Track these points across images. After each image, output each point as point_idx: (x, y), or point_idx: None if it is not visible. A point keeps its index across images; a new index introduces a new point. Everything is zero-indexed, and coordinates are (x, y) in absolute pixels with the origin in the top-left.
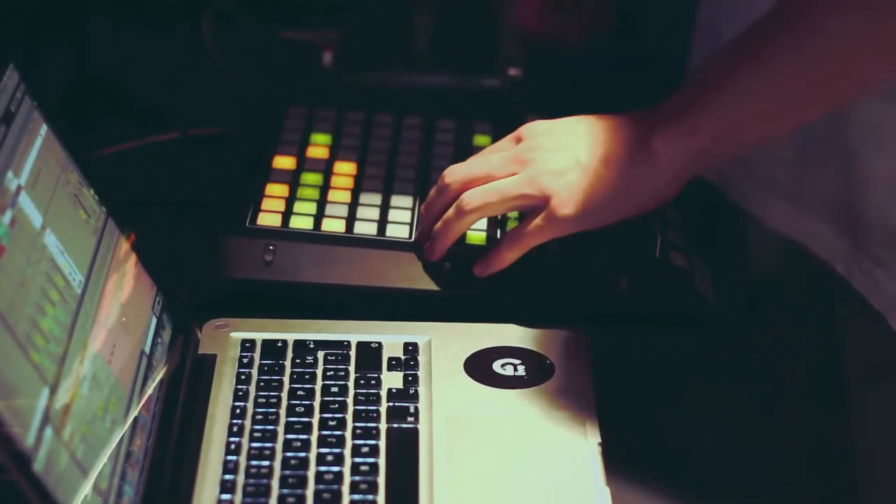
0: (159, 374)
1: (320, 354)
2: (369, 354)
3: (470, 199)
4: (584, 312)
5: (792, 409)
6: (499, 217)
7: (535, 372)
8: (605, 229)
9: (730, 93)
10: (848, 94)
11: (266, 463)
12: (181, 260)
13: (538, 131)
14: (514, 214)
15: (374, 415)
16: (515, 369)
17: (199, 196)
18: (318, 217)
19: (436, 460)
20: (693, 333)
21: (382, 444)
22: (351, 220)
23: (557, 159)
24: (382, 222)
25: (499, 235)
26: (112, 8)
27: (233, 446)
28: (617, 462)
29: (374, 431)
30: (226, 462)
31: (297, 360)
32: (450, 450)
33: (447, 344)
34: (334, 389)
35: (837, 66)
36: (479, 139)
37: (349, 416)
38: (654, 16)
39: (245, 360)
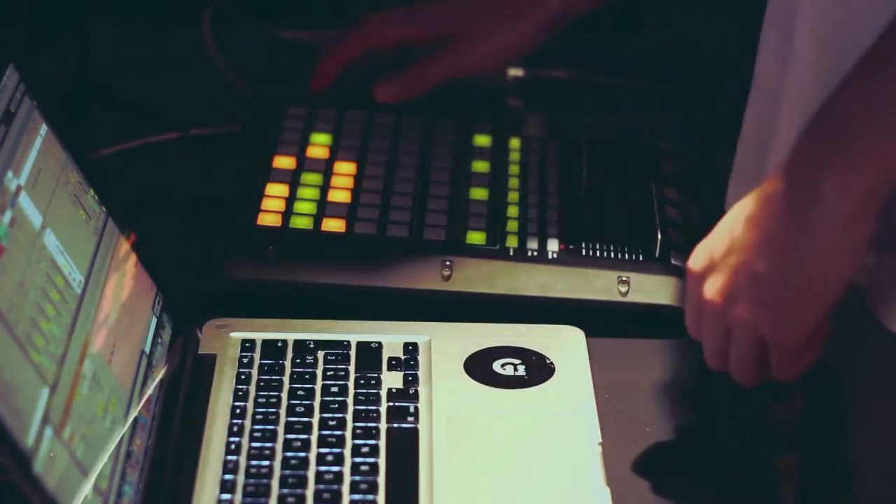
0: (159, 374)
1: (320, 354)
2: (369, 354)
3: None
4: (584, 312)
5: (793, 409)
6: (497, 216)
7: (535, 372)
8: (605, 228)
9: None
10: None
11: (266, 463)
12: (181, 260)
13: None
14: (513, 214)
15: (374, 415)
16: (515, 369)
17: (199, 196)
18: (318, 217)
19: (436, 460)
20: None
21: (382, 444)
22: (351, 220)
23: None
24: (383, 222)
25: (498, 234)
26: (112, 8)
27: (233, 446)
28: (617, 462)
29: (374, 431)
30: (226, 462)
31: (297, 360)
32: (450, 450)
33: (447, 344)
34: (334, 389)
35: None
36: (479, 139)
37: (349, 416)
38: (655, 15)
39: (245, 360)
